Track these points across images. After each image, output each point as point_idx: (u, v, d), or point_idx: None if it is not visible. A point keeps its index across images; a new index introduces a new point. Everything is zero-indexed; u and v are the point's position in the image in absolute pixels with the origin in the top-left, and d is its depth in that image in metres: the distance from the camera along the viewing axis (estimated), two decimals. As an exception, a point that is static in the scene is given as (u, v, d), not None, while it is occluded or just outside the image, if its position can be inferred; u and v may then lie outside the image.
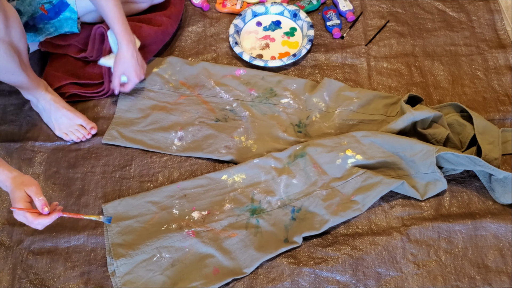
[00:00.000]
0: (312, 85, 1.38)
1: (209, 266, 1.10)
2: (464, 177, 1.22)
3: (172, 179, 1.25)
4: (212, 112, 1.35)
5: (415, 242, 1.13)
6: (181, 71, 1.43)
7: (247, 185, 1.22)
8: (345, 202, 1.17)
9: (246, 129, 1.31)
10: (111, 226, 1.15)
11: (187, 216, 1.17)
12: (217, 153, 1.27)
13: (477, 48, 1.46)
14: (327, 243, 1.14)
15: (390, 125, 1.23)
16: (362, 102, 1.33)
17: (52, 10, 1.30)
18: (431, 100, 1.36)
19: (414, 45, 1.48)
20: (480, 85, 1.39)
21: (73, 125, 1.31)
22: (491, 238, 1.13)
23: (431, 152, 1.15)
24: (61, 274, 1.12)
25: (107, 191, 1.24)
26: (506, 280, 1.08)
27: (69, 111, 1.31)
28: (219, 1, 1.58)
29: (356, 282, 1.08)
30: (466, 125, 1.24)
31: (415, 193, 1.16)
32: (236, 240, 1.13)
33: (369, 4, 1.58)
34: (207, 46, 1.50)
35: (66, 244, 1.16)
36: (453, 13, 1.55)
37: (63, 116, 1.30)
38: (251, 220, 1.17)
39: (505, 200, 1.16)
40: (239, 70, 1.42)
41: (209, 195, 1.21)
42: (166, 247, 1.13)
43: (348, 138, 1.23)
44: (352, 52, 1.47)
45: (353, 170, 1.20)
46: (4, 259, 1.14)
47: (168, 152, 1.29)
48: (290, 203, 1.19)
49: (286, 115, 1.34)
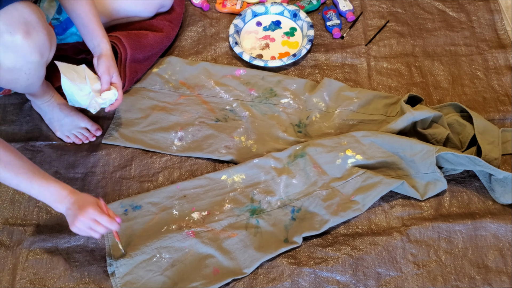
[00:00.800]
0: (312, 85, 1.38)
1: (209, 266, 1.10)
2: (464, 177, 1.22)
3: (172, 179, 1.25)
4: (212, 112, 1.35)
5: (415, 242, 1.13)
6: (181, 71, 1.43)
7: (246, 185, 1.22)
8: (345, 202, 1.17)
9: (246, 129, 1.31)
10: None
11: (187, 216, 1.17)
12: (217, 153, 1.27)
13: (477, 48, 1.46)
14: (327, 243, 1.14)
15: (390, 125, 1.23)
16: (362, 102, 1.33)
17: (60, 26, 1.30)
18: (431, 100, 1.36)
19: (414, 45, 1.48)
20: (480, 85, 1.39)
21: (76, 127, 1.30)
22: (491, 238, 1.13)
23: (431, 152, 1.15)
24: (61, 274, 1.12)
25: (107, 191, 1.24)
26: (506, 280, 1.08)
27: (73, 113, 1.30)
28: (219, 1, 1.58)
29: (356, 282, 1.08)
30: (466, 125, 1.24)
31: (415, 193, 1.17)
32: (236, 240, 1.13)
33: (369, 4, 1.58)
34: (207, 46, 1.50)
35: (66, 244, 1.16)
36: (453, 13, 1.55)
37: (67, 118, 1.30)
38: (251, 220, 1.17)
39: (505, 200, 1.16)
40: (239, 70, 1.42)
41: (208, 195, 1.21)
42: (166, 248, 1.13)
43: (348, 138, 1.23)
44: (352, 52, 1.47)
45: (353, 170, 1.20)
46: (4, 259, 1.14)
47: (168, 152, 1.29)
48: (290, 203, 1.19)
49: (286, 115, 1.34)
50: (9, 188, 1.25)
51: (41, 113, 1.33)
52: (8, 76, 1.06)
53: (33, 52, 1.02)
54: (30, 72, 1.07)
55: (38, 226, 1.18)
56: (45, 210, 1.21)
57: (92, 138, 1.31)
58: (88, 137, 1.31)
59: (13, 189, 1.24)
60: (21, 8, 0.98)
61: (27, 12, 0.99)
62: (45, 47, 1.05)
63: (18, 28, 0.98)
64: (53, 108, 1.29)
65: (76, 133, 1.31)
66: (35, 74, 1.09)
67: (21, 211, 1.21)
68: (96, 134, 1.32)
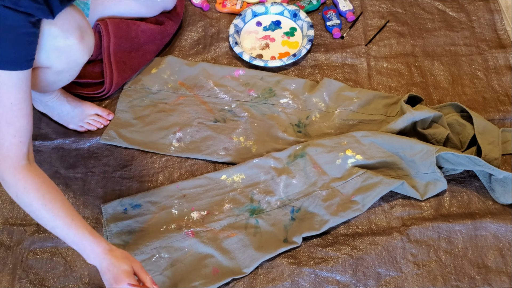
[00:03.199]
0: (311, 85, 1.38)
1: (208, 266, 1.10)
2: (464, 177, 1.22)
3: (172, 179, 1.25)
4: (211, 112, 1.35)
5: (415, 242, 1.13)
6: (180, 72, 1.43)
7: (246, 185, 1.21)
8: (345, 202, 1.16)
9: (245, 130, 1.31)
10: (110, 226, 1.15)
11: (186, 216, 1.17)
12: (215, 155, 1.27)
13: (477, 48, 1.46)
14: (327, 243, 1.14)
15: (390, 125, 1.23)
16: (362, 102, 1.33)
17: None
18: (431, 100, 1.36)
19: (414, 45, 1.48)
20: (480, 85, 1.38)
21: (87, 116, 1.32)
22: (491, 238, 1.12)
23: (431, 152, 1.15)
24: (61, 274, 1.12)
25: (107, 191, 1.24)
26: (506, 280, 1.08)
27: (81, 104, 1.32)
28: (219, 1, 1.58)
29: (356, 282, 1.08)
30: (466, 125, 1.24)
31: (415, 193, 1.16)
32: (235, 240, 1.13)
33: (369, 4, 1.58)
34: (207, 46, 1.50)
35: (66, 244, 1.15)
36: (453, 13, 1.55)
37: (76, 109, 1.31)
38: (251, 220, 1.17)
39: (505, 200, 1.16)
40: (238, 71, 1.42)
41: (208, 195, 1.21)
42: (165, 247, 1.12)
43: (348, 138, 1.23)
44: (352, 52, 1.47)
45: (353, 170, 1.20)
46: (4, 259, 1.14)
47: (166, 153, 1.29)
48: (289, 203, 1.19)
49: (286, 115, 1.34)
50: (9, 188, 1.25)
51: (47, 110, 1.32)
52: (54, 78, 1.10)
53: (84, 54, 1.07)
54: (74, 73, 1.13)
55: (38, 226, 1.18)
56: (45, 210, 1.21)
57: (106, 122, 1.33)
58: (101, 122, 1.33)
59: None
60: (74, 14, 1.02)
61: (80, 17, 1.03)
62: (93, 48, 1.10)
63: (73, 32, 1.01)
64: (61, 102, 1.30)
65: (88, 121, 1.32)
66: (75, 75, 1.14)
67: (21, 211, 1.21)
68: (108, 118, 1.34)
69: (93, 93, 1.37)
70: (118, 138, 1.30)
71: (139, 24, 1.38)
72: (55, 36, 0.99)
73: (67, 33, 1.00)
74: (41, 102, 1.31)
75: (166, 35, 1.45)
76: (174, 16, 1.48)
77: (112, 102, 1.38)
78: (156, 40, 1.42)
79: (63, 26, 0.99)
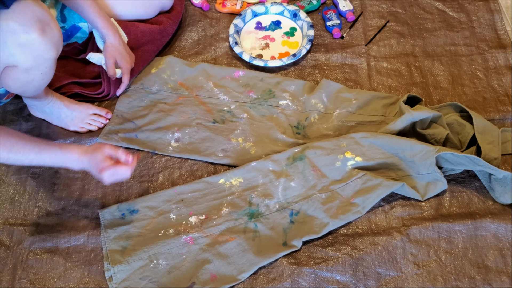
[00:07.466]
0: (310, 87, 1.38)
1: (206, 273, 1.09)
2: (464, 177, 1.22)
3: (172, 180, 1.25)
4: (210, 113, 1.35)
5: (415, 242, 1.13)
6: (180, 72, 1.42)
7: (244, 189, 1.21)
8: (345, 205, 1.16)
9: (244, 131, 1.31)
10: (108, 232, 1.15)
11: (184, 221, 1.16)
12: (214, 157, 1.27)
13: (477, 48, 1.46)
14: (327, 243, 1.14)
15: (389, 126, 1.23)
16: (360, 103, 1.33)
17: (65, 34, 1.31)
18: (431, 100, 1.36)
19: (414, 45, 1.48)
20: (480, 85, 1.39)
21: (86, 117, 1.32)
22: (491, 238, 1.12)
23: (431, 153, 1.15)
24: (61, 274, 1.12)
25: (107, 191, 1.24)
26: (506, 280, 1.08)
27: (78, 106, 1.32)
28: (219, 1, 1.58)
29: (356, 282, 1.08)
30: (466, 125, 1.24)
31: (415, 194, 1.16)
32: (234, 244, 1.12)
33: (369, 4, 1.58)
34: (207, 46, 1.50)
35: (66, 244, 1.16)
36: (453, 13, 1.55)
37: (75, 112, 1.31)
38: (249, 224, 1.16)
39: (505, 200, 1.16)
40: (238, 72, 1.42)
41: (206, 199, 1.19)
42: (163, 254, 1.11)
43: (347, 140, 1.23)
44: (352, 52, 1.47)
45: (352, 172, 1.19)
46: (4, 259, 1.14)
47: (164, 153, 1.28)
48: (288, 206, 1.18)
49: (285, 116, 1.33)
50: (9, 188, 1.25)
51: (45, 115, 1.32)
52: (25, 77, 1.07)
53: (50, 48, 1.03)
54: (46, 71, 1.09)
55: (38, 226, 1.19)
56: (45, 210, 1.21)
57: (105, 121, 1.34)
58: (101, 122, 1.33)
59: (13, 189, 1.25)
60: (32, 6, 0.99)
61: (39, 10, 1.00)
62: (59, 42, 1.06)
63: (33, 26, 0.98)
64: (58, 106, 1.30)
65: (89, 121, 1.33)
66: (49, 73, 1.11)
67: (21, 211, 1.21)
68: (107, 117, 1.34)
69: (95, 93, 1.37)
70: (116, 137, 1.30)
71: (137, 25, 1.38)
72: (14, 31, 0.96)
73: (26, 27, 0.97)
74: (38, 108, 1.31)
75: (165, 34, 1.45)
76: (173, 16, 1.48)
77: (112, 102, 1.39)
78: (156, 40, 1.42)
79: (21, 20, 0.96)
